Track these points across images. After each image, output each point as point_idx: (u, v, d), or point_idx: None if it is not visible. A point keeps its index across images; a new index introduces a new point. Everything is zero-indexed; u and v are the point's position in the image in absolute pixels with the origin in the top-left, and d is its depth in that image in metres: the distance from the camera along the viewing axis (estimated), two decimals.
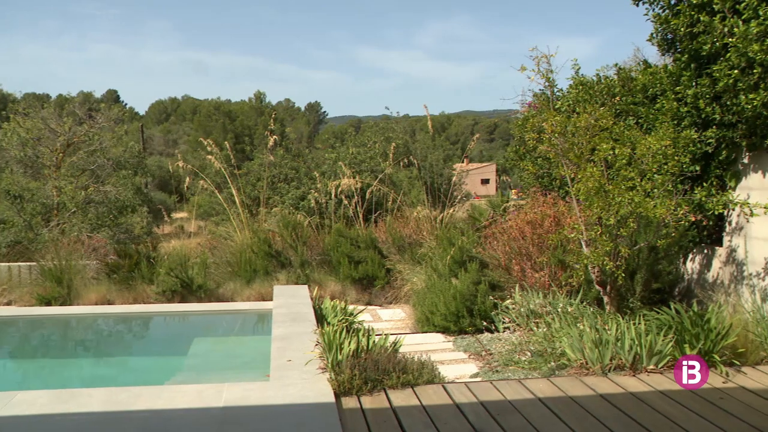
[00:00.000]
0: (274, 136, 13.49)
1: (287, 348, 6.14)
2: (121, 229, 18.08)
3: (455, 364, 6.68)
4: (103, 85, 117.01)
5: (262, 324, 8.82)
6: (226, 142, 13.13)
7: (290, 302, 8.20)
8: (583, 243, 6.81)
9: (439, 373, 5.69)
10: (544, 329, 6.52)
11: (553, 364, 5.99)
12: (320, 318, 7.54)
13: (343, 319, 7.37)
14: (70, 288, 9.74)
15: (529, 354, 6.32)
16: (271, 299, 9.12)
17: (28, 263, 10.86)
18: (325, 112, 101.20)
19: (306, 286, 9.48)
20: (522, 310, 7.15)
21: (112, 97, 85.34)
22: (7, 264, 11.03)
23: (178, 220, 43.67)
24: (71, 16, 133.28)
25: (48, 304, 9.50)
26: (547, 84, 8.45)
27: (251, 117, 57.64)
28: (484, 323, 7.70)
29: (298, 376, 5.36)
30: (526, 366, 6.16)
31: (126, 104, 77.26)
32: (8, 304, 9.63)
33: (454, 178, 19.77)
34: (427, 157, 19.24)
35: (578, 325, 6.21)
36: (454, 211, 11.12)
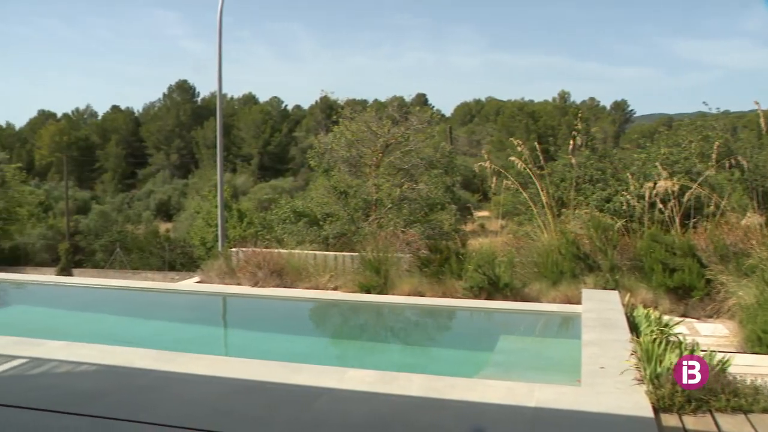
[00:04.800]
0: (580, 136, 13.16)
1: (599, 354, 5.93)
2: (431, 225, 19.05)
3: None
4: (413, 90, 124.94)
5: (568, 327, 8.66)
6: (535, 143, 13.10)
7: (600, 307, 7.92)
8: None
9: None
10: None
11: None
12: (632, 326, 7.16)
13: (657, 329, 6.91)
14: (386, 278, 10.48)
15: None
16: (578, 302, 8.92)
17: (350, 253, 11.94)
18: (632, 110, 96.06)
19: (616, 291, 9.09)
20: None
21: (421, 100, 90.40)
22: (334, 253, 12.27)
23: (479, 219, 45.03)
24: (389, 28, 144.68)
25: (367, 291, 10.32)
26: None
27: (554, 117, 57.18)
28: None
29: (612, 384, 5.14)
30: None
31: (433, 107, 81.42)
32: (335, 289, 10.66)
33: None
34: (752, 157, 17.27)
35: None
36: None
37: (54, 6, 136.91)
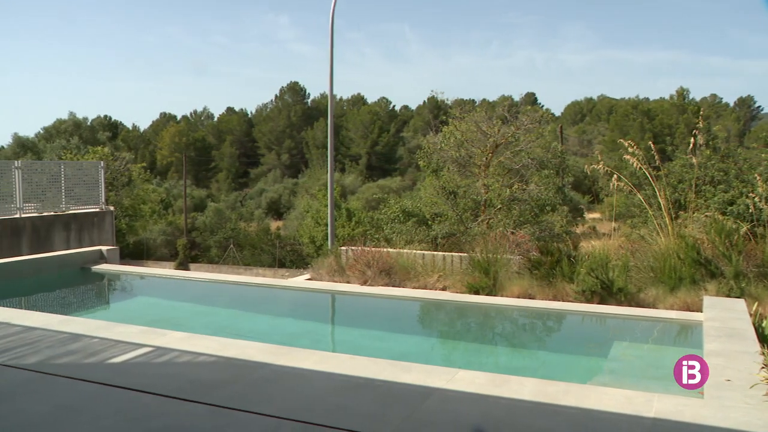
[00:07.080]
0: (701, 135, 12.53)
1: (724, 366, 5.61)
2: (542, 226, 18.68)
3: None
4: (521, 89, 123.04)
5: (688, 335, 8.25)
6: (650, 143, 12.58)
7: (724, 316, 7.50)
8: None
9: None
10: None
11: None
12: (761, 337, 6.74)
13: None
14: (495, 279, 10.37)
15: None
16: (698, 310, 8.52)
17: (459, 254, 11.89)
18: (759, 106, 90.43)
19: (742, 299, 8.59)
20: None
21: (530, 99, 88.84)
22: (442, 253, 12.25)
23: (590, 221, 43.76)
24: (497, 27, 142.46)
25: (476, 292, 10.24)
26: None
27: (672, 115, 54.68)
28: None
29: (740, 399, 4.85)
30: None
31: (543, 106, 79.76)
32: (443, 289, 10.64)
33: None
34: None
35: None
36: None
37: (175, 14, 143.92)
